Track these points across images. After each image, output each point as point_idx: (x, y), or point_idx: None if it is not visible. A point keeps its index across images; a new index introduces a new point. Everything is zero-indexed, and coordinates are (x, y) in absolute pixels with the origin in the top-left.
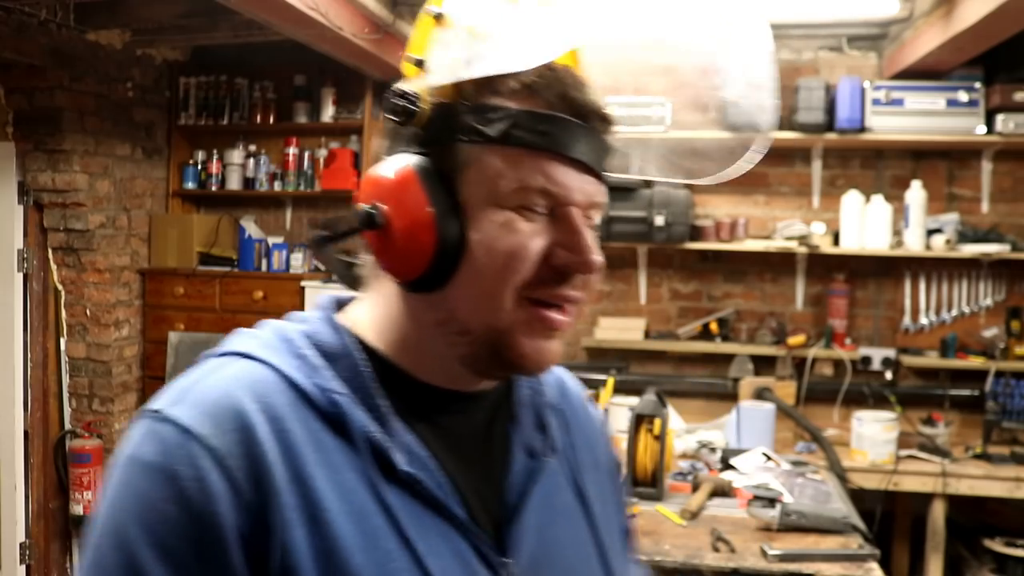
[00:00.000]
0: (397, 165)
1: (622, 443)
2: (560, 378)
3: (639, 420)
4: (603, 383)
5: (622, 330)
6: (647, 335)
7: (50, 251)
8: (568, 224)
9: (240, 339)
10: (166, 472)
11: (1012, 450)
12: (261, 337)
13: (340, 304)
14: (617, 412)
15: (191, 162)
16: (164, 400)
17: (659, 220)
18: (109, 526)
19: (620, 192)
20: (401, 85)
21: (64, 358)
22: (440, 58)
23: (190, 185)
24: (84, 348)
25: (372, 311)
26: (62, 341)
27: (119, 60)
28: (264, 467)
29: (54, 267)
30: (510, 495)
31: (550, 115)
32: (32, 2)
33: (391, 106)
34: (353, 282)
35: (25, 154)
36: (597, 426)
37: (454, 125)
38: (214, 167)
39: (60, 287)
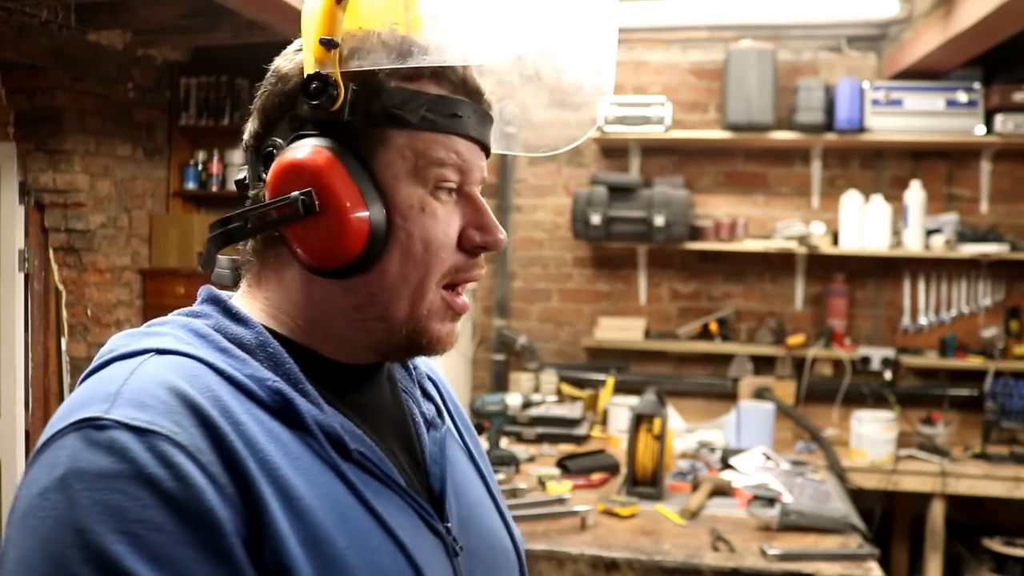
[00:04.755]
0: (316, 150)
1: (622, 443)
2: None
3: (639, 420)
4: (603, 383)
5: (622, 330)
6: (647, 335)
7: (51, 251)
8: (475, 203)
9: (144, 338)
10: (139, 478)
11: (1011, 450)
12: (170, 334)
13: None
14: (617, 412)
15: (192, 162)
16: (91, 409)
17: (659, 220)
18: (77, 555)
19: (620, 192)
20: (317, 69)
21: (65, 358)
22: (364, 43)
23: (191, 185)
24: (85, 348)
25: (267, 300)
26: (63, 341)
27: (120, 61)
28: (236, 460)
29: (55, 267)
30: (432, 465)
31: (458, 100)
32: (33, 3)
33: (310, 91)
34: (233, 281)
35: (26, 154)
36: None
37: (372, 109)
38: (215, 167)
39: (61, 287)
